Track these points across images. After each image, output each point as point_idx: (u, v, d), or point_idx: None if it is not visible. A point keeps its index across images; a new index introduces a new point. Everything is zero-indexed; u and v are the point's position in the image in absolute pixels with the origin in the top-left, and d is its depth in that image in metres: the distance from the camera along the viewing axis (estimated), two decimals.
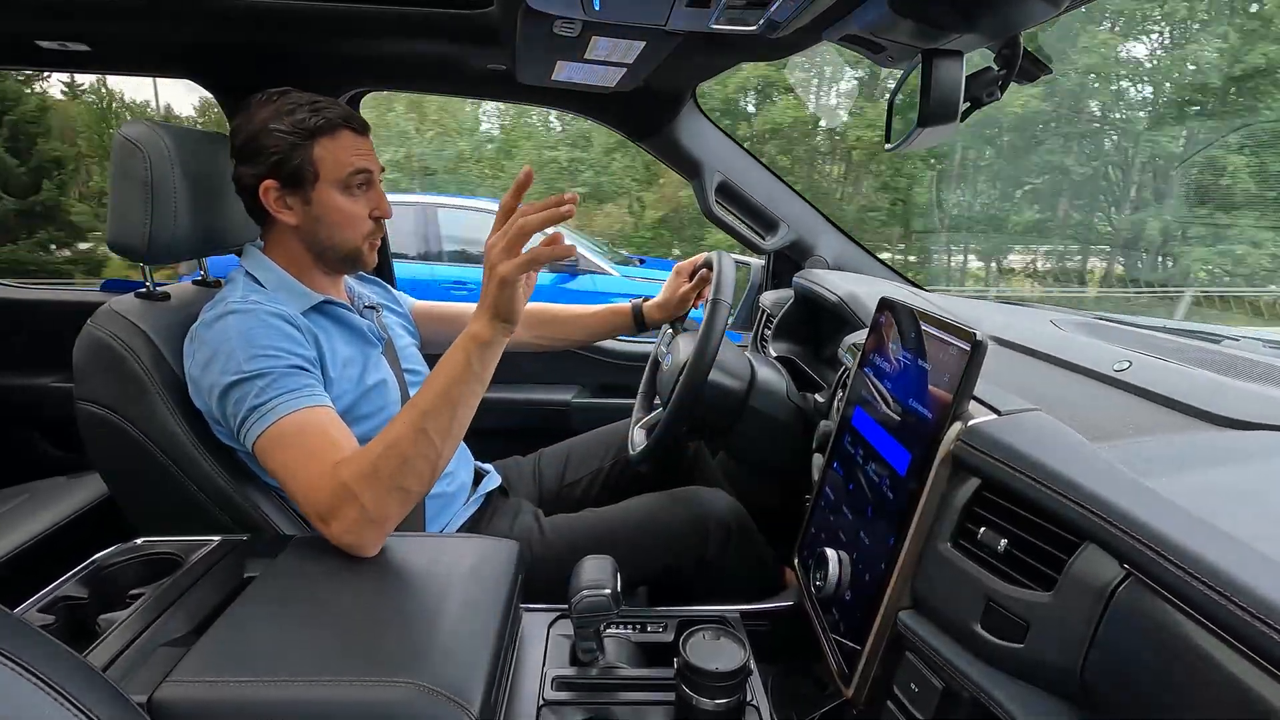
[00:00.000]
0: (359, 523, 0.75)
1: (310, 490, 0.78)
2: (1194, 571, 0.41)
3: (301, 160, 0.94)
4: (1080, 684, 0.49)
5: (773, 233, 1.65)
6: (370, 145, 1.00)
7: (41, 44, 1.29)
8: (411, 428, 0.77)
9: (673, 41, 1.06)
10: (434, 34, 1.24)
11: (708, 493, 1.16)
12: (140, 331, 0.91)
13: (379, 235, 1.03)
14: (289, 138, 0.93)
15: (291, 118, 0.94)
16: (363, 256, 1.02)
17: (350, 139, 0.97)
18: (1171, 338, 0.93)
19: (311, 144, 0.94)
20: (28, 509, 1.36)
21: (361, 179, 0.98)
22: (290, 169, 0.95)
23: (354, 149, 0.97)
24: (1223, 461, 0.57)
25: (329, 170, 0.96)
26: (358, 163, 0.97)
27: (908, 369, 0.72)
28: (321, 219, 0.97)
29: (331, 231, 0.98)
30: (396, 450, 0.76)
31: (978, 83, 0.89)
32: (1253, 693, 0.37)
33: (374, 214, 1.01)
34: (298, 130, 0.94)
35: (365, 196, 1.00)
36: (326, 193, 0.96)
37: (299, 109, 0.94)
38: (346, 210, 0.98)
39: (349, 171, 0.96)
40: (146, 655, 0.63)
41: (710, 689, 0.69)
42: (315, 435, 0.81)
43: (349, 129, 0.97)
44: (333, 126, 0.95)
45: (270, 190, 0.96)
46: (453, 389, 0.79)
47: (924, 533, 0.63)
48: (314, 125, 0.94)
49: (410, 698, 0.57)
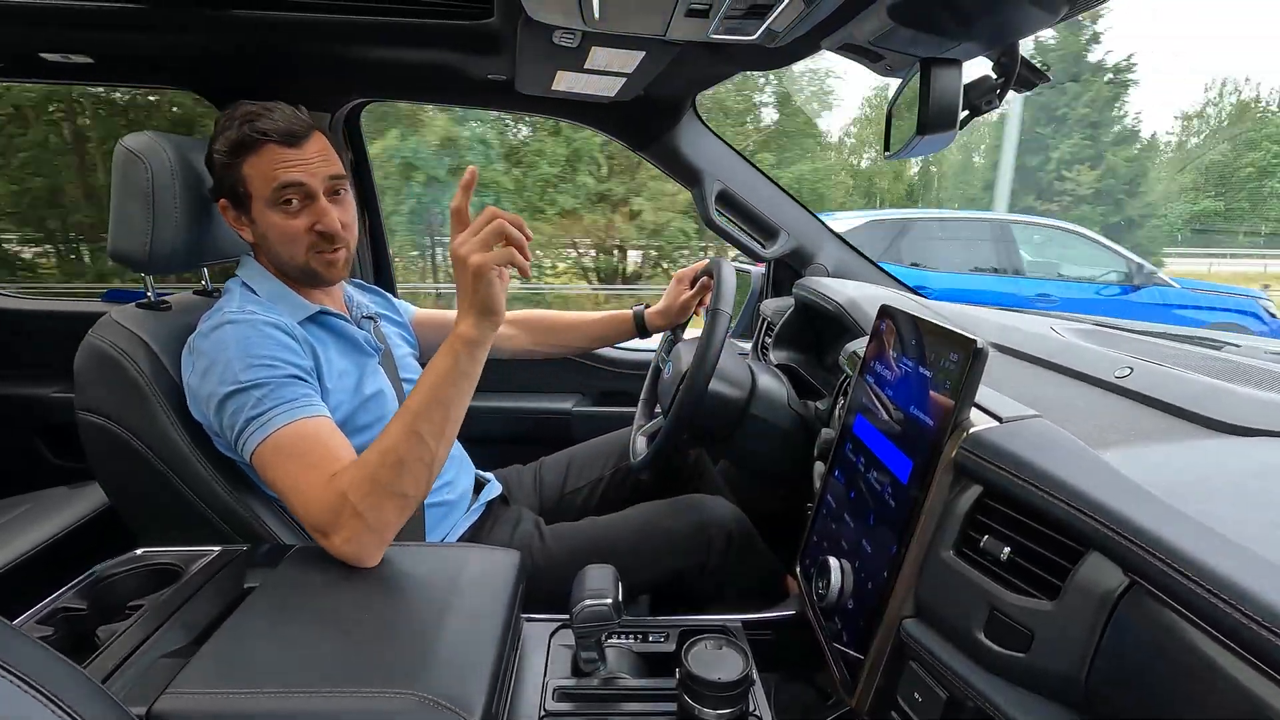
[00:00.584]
0: (359, 532, 0.75)
1: (309, 502, 0.77)
2: (1198, 578, 0.41)
3: (234, 180, 0.94)
4: (1085, 692, 0.48)
5: (773, 241, 1.66)
6: (305, 155, 0.94)
7: (44, 56, 1.30)
8: (405, 432, 0.77)
9: (672, 51, 1.07)
10: (434, 44, 1.24)
11: (709, 501, 1.16)
12: (141, 341, 0.91)
13: (330, 248, 0.97)
14: (221, 157, 0.93)
15: (225, 135, 0.93)
16: (316, 273, 0.98)
17: (274, 152, 0.92)
18: (1173, 343, 0.93)
19: (240, 162, 0.93)
20: (29, 519, 1.36)
21: (290, 194, 0.93)
22: (228, 188, 0.95)
23: (278, 163, 0.92)
24: (1225, 468, 0.57)
25: (257, 188, 0.93)
26: (282, 177, 0.92)
27: (909, 376, 0.72)
28: (266, 236, 0.96)
29: (277, 249, 0.96)
30: (392, 456, 0.76)
31: (976, 90, 0.89)
32: (1258, 699, 0.36)
33: (315, 228, 0.95)
34: (227, 148, 0.93)
35: (307, 210, 0.95)
36: (260, 211, 0.95)
37: (233, 125, 0.92)
38: (281, 227, 0.94)
39: (273, 187, 0.92)
40: (146, 667, 0.63)
41: (712, 699, 0.69)
42: (313, 446, 0.81)
43: (273, 142, 0.92)
44: (254, 142, 0.91)
45: (226, 210, 0.97)
46: (443, 389, 0.78)
47: (926, 541, 0.63)
48: (237, 141, 0.92)
49: (411, 708, 0.57)
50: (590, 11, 0.86)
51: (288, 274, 1.00)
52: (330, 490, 0.76)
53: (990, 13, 0.78)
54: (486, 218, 0.76)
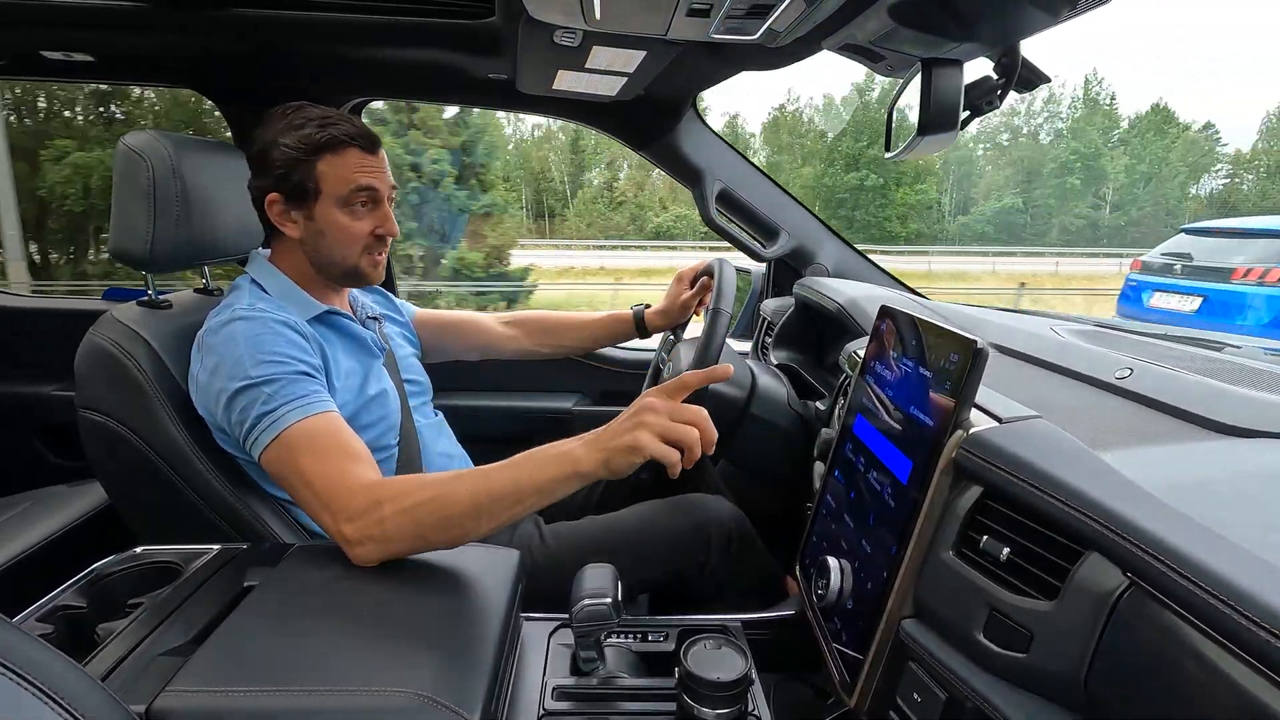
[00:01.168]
0: (373, 539, 0.75)
1: (328, 498, 0.77)
2: (1197, 579, 0.41)
3: (304, 176, 0.95)
4: (1084, 693, 0.49)
5: (773, 240, 1.66)
6: (380, 162, 0.99)
7: (46, 55, 1.30)
8: (471, 501, 0.74)
9: (673, 51, 1.07)
10: (435, 43, 1.25)
11: (709, 500, 1.16)
12: (142, 339, 0.92)
13: (381, 251, 1.02)
14: (293, 153, 0.94)
15: (299, 133, 0.94)
16: (363, 273, 1.01)
17: (356, 156, 0.96)
18: (1172, 345, 0.93)
19: (315, 160, 0.94)
20: (29, 517, 1.36)
21: (364, 196, 0.97)
22: (293, 183, 0.95)
23: (358, 166, 0.96)
24: (1225, 469, 0.57)
25: (331, 186, 0.95)
26: (361, 180, 0.96)
27: (909, 376, 0.72)
28: (323, 234, 0.97)
29: (332, 247, 0.98)
30: (443, 510, 0.74)
31: (977, 91, 0.89)
32: (1257, 700, 0.36)
33: (377, 231, 1.00)
34: (303, 145, 0.94)
35: (370, 214, 0.99)
36: (327, 209, 0.96)
37: (308, 124, 0.94)
38: (347, 227, 0.97)
39: (351, 189, 0.96)
40: (145, 665, 0.63)
41: (712, 699, 0.68)
42: (326, 442, 0.81)
43: (355, 146, 0.96)
44: (338, 143, 0.95)
45: (274, 203, 0.97)
46: (528, 495, 0.75)
47: (926, 541, 0.63)
48: (319, 141, 0.94)
49: (410, 707, 0.57)
50: (591, 11, 0.86)
51: (327, 273, 1.01)
52: (364, 492, 0.76)
53: (991, 14, 0.78)
54: (681, 388, 0.76)
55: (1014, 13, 0.77)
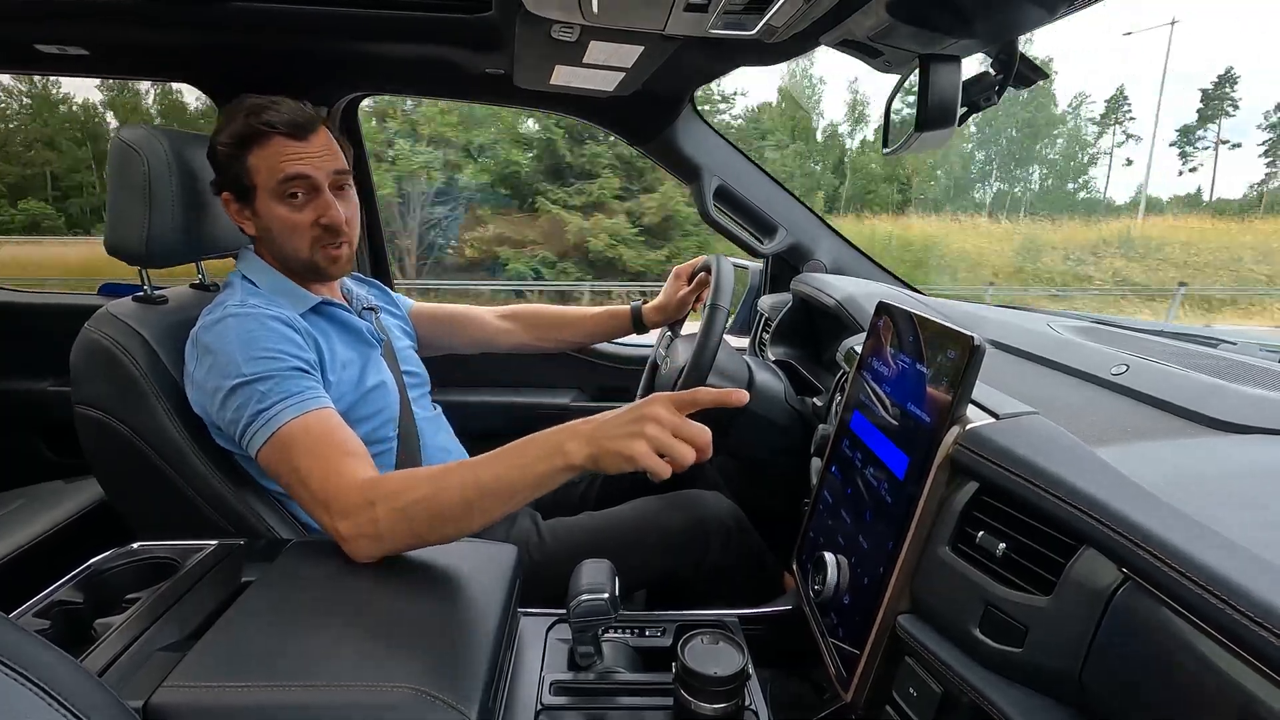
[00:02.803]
0: (367, 538, 0.75)
1: (323, 495, 0.77)
2: (1192, 575, 0.41)
3: (239, 171, 0.93)
4: (1079, 688, 0.49)
5: (771, 237, 1.65)
6: (312, 148, 0.94)
7: (39, 48, 1.30)
8: (463, 498, 0.73)
9: (670, 46, 1.07)
10: (432, 38, 1.24)
11: (706, 496, 1.16)
12: (138, 335, 0.91)
13: (335, 245, 0.98)
14: (228, 148, 0.93)
15: (230, 127, 0.92)
16: (320, 267, 0.98)
17: (281, 145, 0.92)
18: (1168, 341, 0.93)
19: (245, 154, 0.93)
20: (25, 513, 1.36)
21: (296, 186, 0.93)
22: (233, 180, 0.94)
23: (284, 155, 0.92)
24: (1220, 465, 0.57)
25: (263, 179, 0.93)
26: (288, 169, 0.92)
27: (906, 373, 0.72)
28: (269, 229, 0.96)
29: (281, 242, 0.96)
30: (436, 509, 0.73)
31: (975, 87, 0.89)
32: (1251, 695, 0.37)
33: (319, 221, 0.96)
34: (232, 140, 0.92)
35: (310, 204, 0.95)
36: (265, 203, 0.94)
37: (239, 117, 0.92)
38: (285, 219, 0.95)
39: (278, 179, 0.92)
40: (143, 660, 0.63)
41: (709, 693, 0.69)
42: (321, 440, 0.81)
43: (279, 134, 0.92)
44: (261, 134, 0.92)
45: (229, 202, 0.96)
46: (520, 490, 0.73)
47: (922, 536, 0.63)
48: (244, 133, 0.92)
49: (408, 702, 0.57)
50: (589, 6, 0.86)
51: (290, 268, 1.00)
52: (358, 490, 0.75)
53: (989, 9, 0.78)
54: (691, 404, 0.71)
55: (1012, 8, 0.77)
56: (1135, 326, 1.06)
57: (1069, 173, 28.96)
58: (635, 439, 0.70)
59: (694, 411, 0.78)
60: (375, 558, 0.76)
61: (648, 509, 1.13)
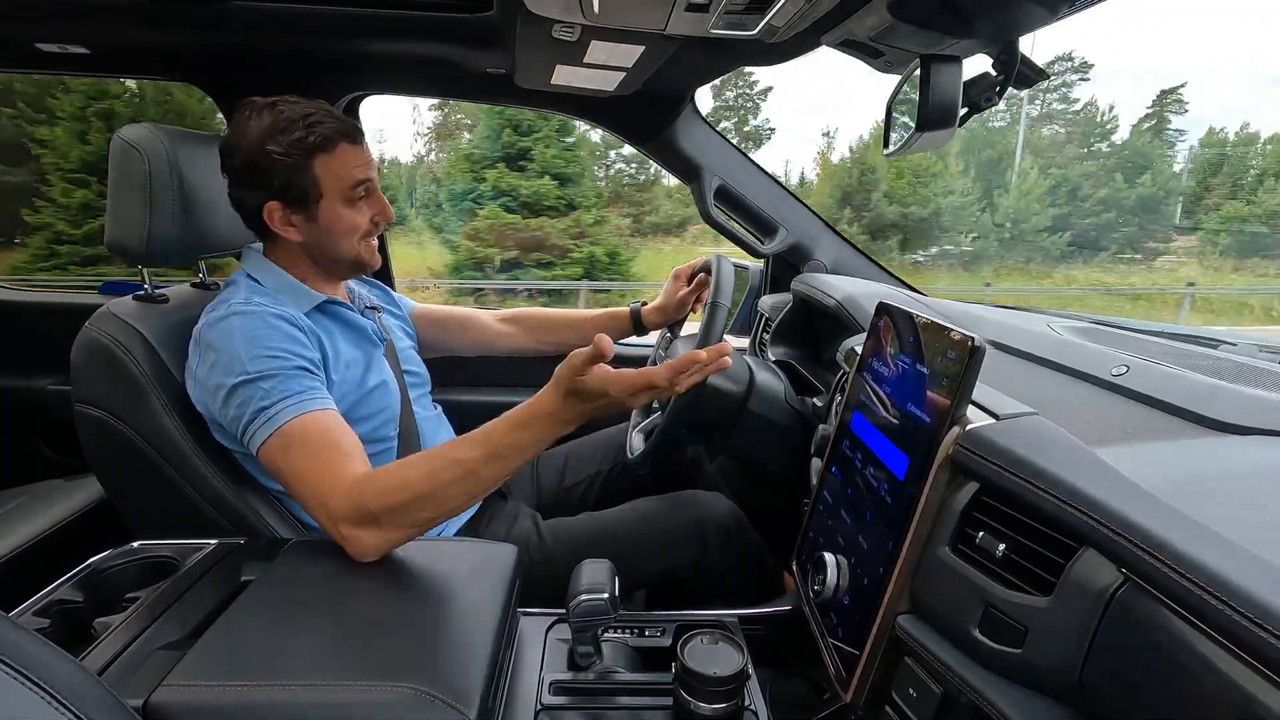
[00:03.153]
0: (366, 537, 0.75)
1: (321, 496, 0.77)
2: (1192, 576, 0.41)
3: (303, 180, 0.94)
4: (1079, 689, 0.49)
5: (771, 237, 1.65)
6: (367, 152, 0.99)
7: (40, 47, 1.30)
8: (463, 494, 0.77)
9: (671, 46, 1.06)
10: (433, 37, 1.24)
11: (706, 496, 1.16)
12: (138, 334, 0.91)
13: (373, 235, 1.03)
14: (287, 160, 0.92)
15: (287, 137, 0.92)
16: (364, 260, 1.02)
17: (347, 151, 0.96)
18: (1168, 342, 0.93)
19: (311, 163, 0.93)
20: (25, 511, 1.36)
21: (363, 189, 0.98)
22: (294, 191, 0.94)
23: (353, 161, 0.96)
24: (1220, 466, 0.57)
25: (331, 186, 0.95)
26: (358, 174, 0.96)
27: (906, 373, 0.72)
28: (327, 231, 0.97)
29: (338, 242, 0.99)
30: (434, 508, 0.76)
31: (976, 88, 0.89)
32: (1251, 695, 0.37)
33: (375, 219, 1.01)
34: (295, 151, 0.92)
35: (368, 204, 1.00)
36: (331, 208, 0.96)
37: (293, 127, 0.92)
38: (350, 221, 0.98)
39: (350, 185, 0.96)
40: (142, 659, 0.63)
41: (708, 694, 0.69)
42: (321, 439, 0.81)
43: (345, 141, 0.95)
44: (329, 142, 0.94)
45: (274, 211, 0.96)
46: (513, 457, 0.77)
47: (922, 537, 0.63)
48: (311, 144, 0.93)
49: (408, 701, 0.57)
50: (590, 5, 0.86)
51: (333, 268, 1.02)
52: (355, 490, 0.76)
53: (991, 10, 0.78)
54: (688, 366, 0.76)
55: (1013, 9, 0.77)
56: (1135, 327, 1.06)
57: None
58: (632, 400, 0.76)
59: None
60: (376, 555, 0.76)
61: (648, 509, 1.13)
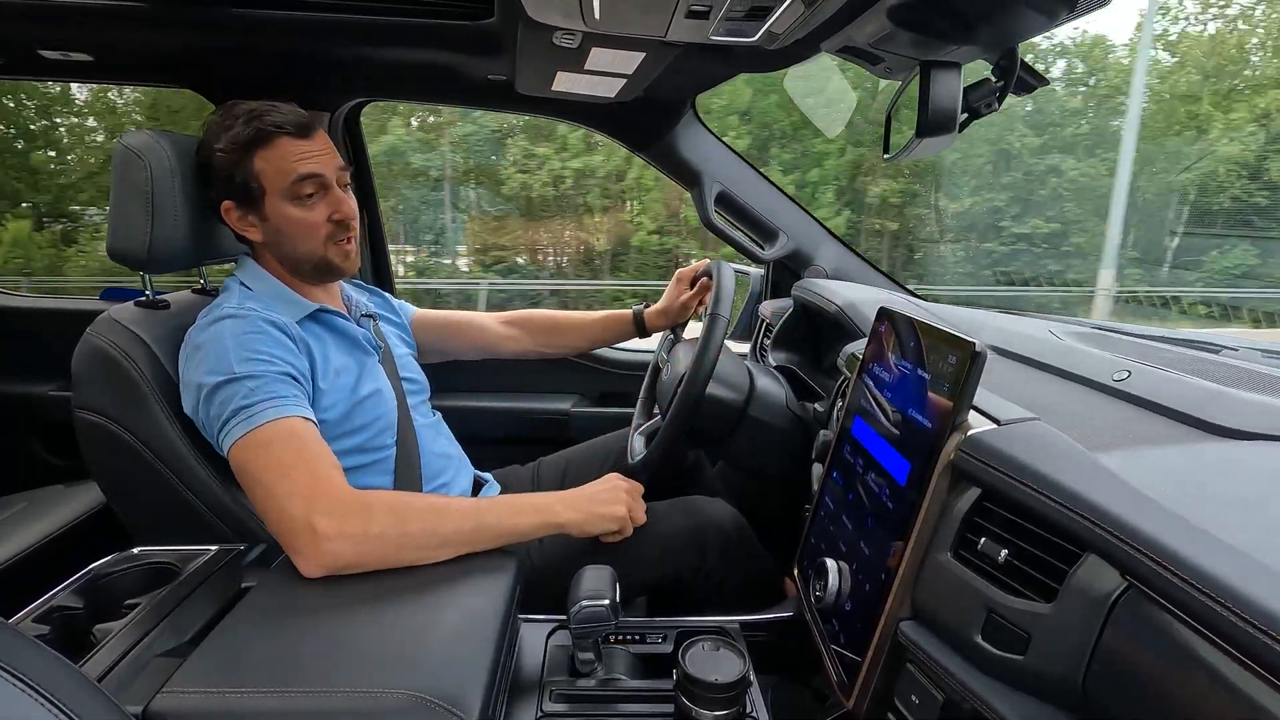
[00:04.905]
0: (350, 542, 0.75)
1: (307, 493, 0.76)
2: (1195, 582, 0.41)
3: (245, 176, 0.93)
4: (1082, 695, 0.49)
5: (772, 242, 1.66)
6: (317, 146, 0.96)
7: (44, 54, 1.30)
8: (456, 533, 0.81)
9: (672, 52, 1.07)
10: (434, 44, 1.25)
11: (707, 502, 1.16)
12: (139, 340, 0.91)
13: (347, 239, 0.99)
14: (229, 155, 0.92)
15: (229, 133, 0.92)
16: (333, 264, 0.99)
17: (288, 145, 0.93)
18: (1171, 347, 0.93)
19: (250, 158, 0.93)
20: (25, 517, 1.36)
21: (308, 185, 0.94)
22: (237, 186, 0.94)
23: (294, 155, 0.93)
24: (1223, 471, 0.57)
25: (272, 182, 0.94)
26: (300, 169, 0.93)
27: (907, 378, 0.72)
28: (280, 231, 0.96)
29: (294, 244, 0.97)
30: (428, 538, 0.79)
31: (975, 94, 0.90)
32: (1255, 703, 0.36)
33: (334, 217, 0.97)
34: (234, 146, 0.92)
35: (322, 201, 0.96)
36: (276, 205, 0.95)
37: (235, 122, 0.92)
38: (300, 219, 0.95)
39: (291, 180, 0.93)
40: (142, 666, 0.63)
41: (709, 700, 0.68)
42: (305, 445, 0.81)
43: (285, 134, 0.93)
44: (266, 135, 0.92)
45: (230, 211, 0.96)
46: (503, 539, 0.84)
47: (924, 543, 0.63)
48: (247, 138, 0.92)
49: (407, 708, 0.57)
50: (591, 12, 0.86)
51: (300, 270, 1.00)
52: (353, 498, 0.77)
53: (990, 16, 0.78)
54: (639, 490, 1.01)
55: (1012, 15, 0.77)
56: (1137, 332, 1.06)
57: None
58: (619, 504, 0.94)
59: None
60: (334, 569, 0.75)
61: (648, 515, 1.13)
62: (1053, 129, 13.45)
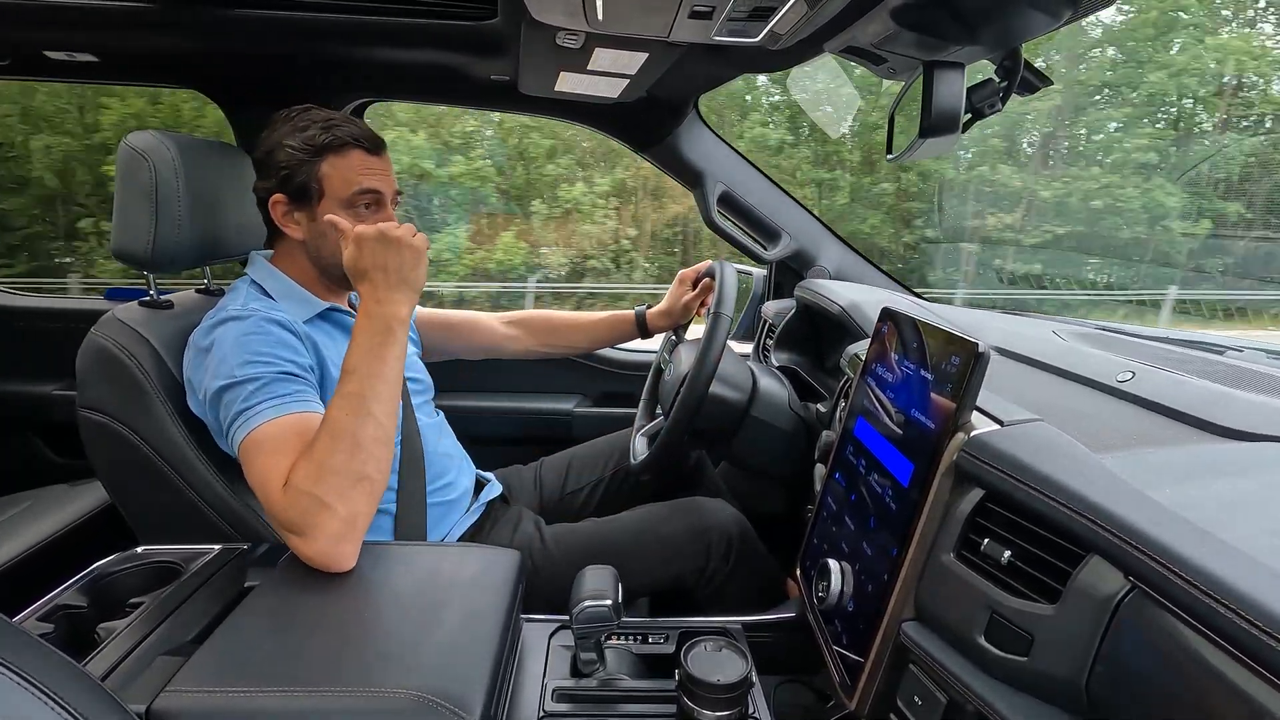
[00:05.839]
0: (330, 524, 0.73)
1: (281, 499, 0.76)
2: (1199, 584, 0.40)
3: (307, 177, 0.95)
4: (1085, 697, 0.48)
5: (774, 243, 1.66)
6: (384, 165, 0.99)
7: (49, 55, 1.31)
8: (357, 413, 0.78)
9: (675, 53, 1.07)
10: (438, 45, 1.25)
11: (710, 503, 1.16)
12: (143, 339, 0.92)
13: None
14: (298, 154, 0.94)
15: (303, 134, 0.94)
16: None
17: (360, 158, 0.96)
18: (1174, 348, 0.93)
19: (319, 161, 0.95)
20: (29, 516, 1.36)
21: (368, 199, 0.97)
22: (296, 185, 0.95)
23: (362, 168, 0.96)
24: (1226, 473, 0.57)
25: (334, 188, 0.96)
26: (364, 182, 0.96)
27: (910, 379, 0.72)
28: (325, 235, 0.97)
29: (334, 249, 0.97)
30: (348, 440, 0.76)
31: (979, 94, 0.89)
32: (1259, 704, 0.36)
33: None
34: (306, 147, 0.94)
35: (373, 217, 0.98)
36: (330, 210, 0.96)
37: (312, 126, 0.95)
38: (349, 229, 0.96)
39: (354, 191, 0.96)
40: (145, 664, 0.63)
41: (712, 701, 0.68)
42: (294, 441, 0.80)
43: (360, 148, 0.96)
44: (341, 144, 0.95)
45: (278, 204, 0.97)
46: (388, 371, 0.83)
47: (927, 544, 0.63)
48: (323, 142, 0.94)
49: (410, 707, 0.57)
50: (594, 13, 0.86)
51: (330, 274, 1.01)
52: (290, 490, 0.75)
53: (994, 16, 0.78)
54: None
55: (1016, 15, 0.77)
56: (1141, 333, 1.06)
57: None
58: (396, 249, 0.85)
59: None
60: (355, 547, 0.75)
61: (651, 515, 1.13)
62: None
